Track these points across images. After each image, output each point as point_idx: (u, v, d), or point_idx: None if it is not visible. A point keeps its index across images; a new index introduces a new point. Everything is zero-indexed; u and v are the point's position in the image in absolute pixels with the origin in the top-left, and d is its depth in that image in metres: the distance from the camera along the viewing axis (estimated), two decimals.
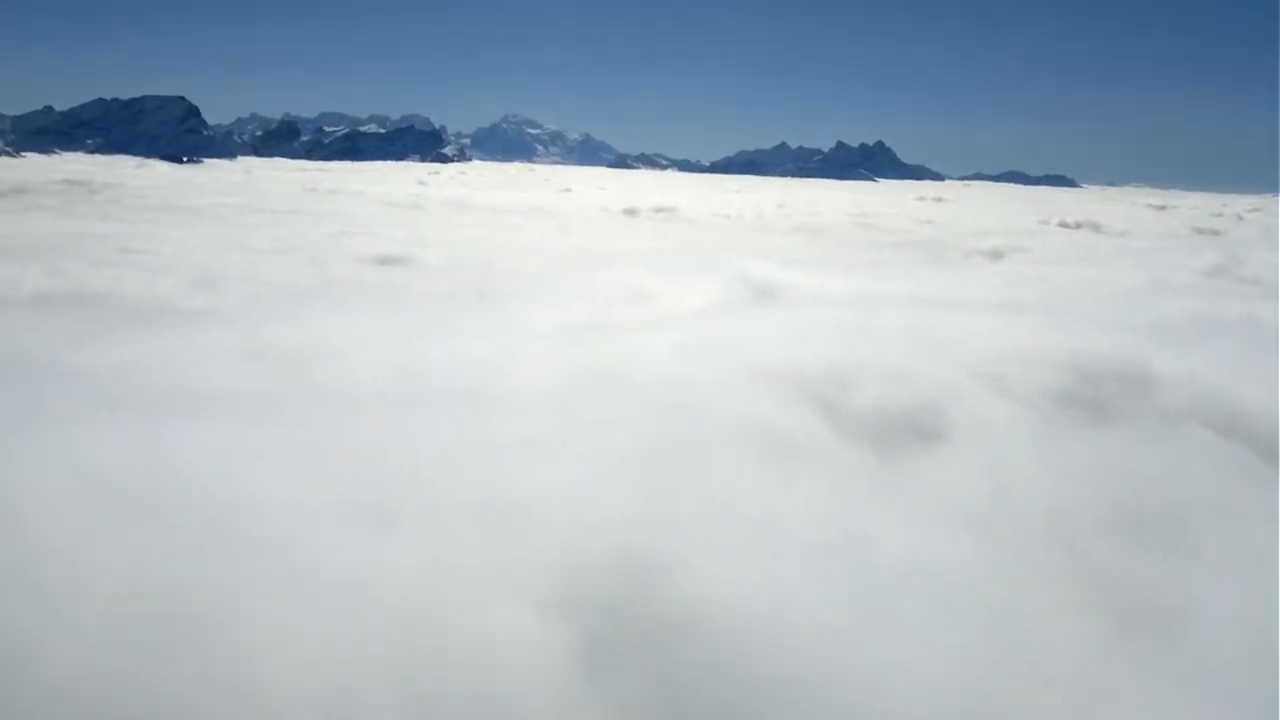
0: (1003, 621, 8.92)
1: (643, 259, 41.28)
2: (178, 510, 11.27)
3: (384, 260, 38.79)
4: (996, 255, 52.82)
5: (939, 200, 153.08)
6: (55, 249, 36.13)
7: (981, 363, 17.23)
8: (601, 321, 22.89)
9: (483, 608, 9.24)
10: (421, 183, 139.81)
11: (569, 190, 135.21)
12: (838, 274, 34.57)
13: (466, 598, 9.40)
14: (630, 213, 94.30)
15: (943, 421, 15.37)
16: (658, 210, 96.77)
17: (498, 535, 10.47)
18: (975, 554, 10.48)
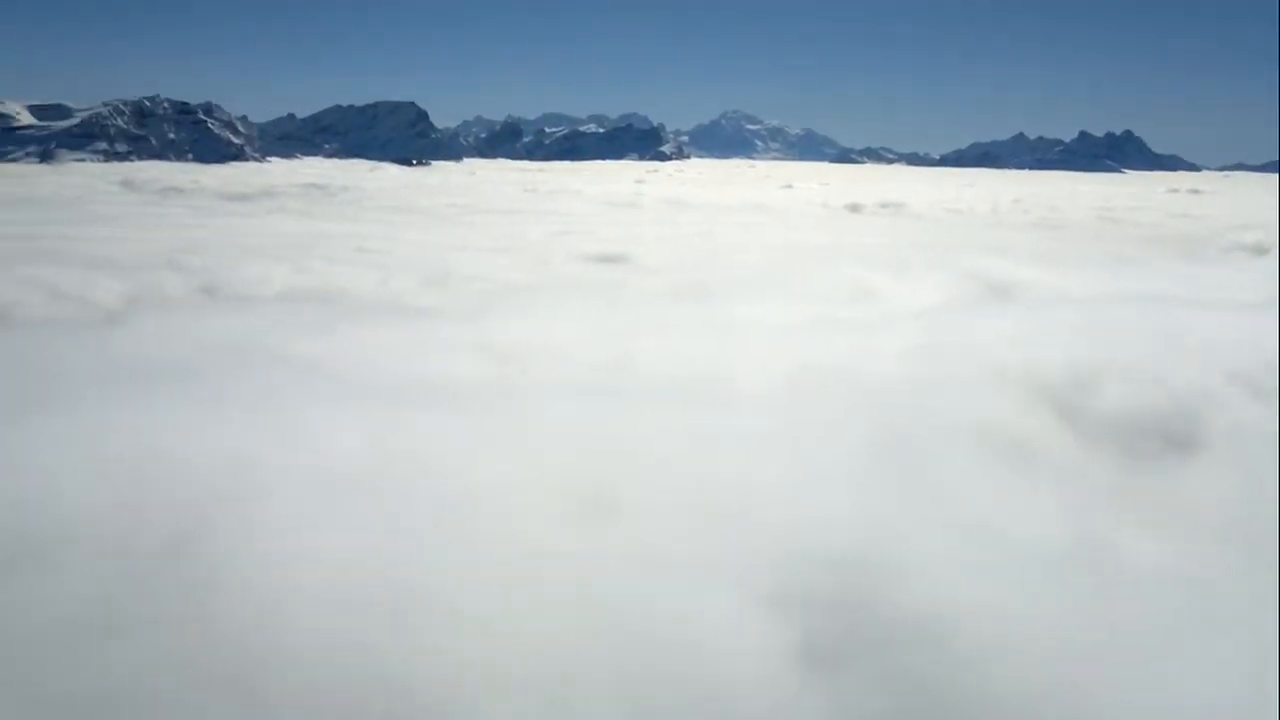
0: (1267, 641, 8.34)
1: (867, 256, 40.69)
2: (406, 494, 12.00)
3: (604, 258, 39.73)
4: (1260, 250, 49.02)
5: (1194, 192, 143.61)
6: (299, 248, 38.92)
7: (1242, 366, 16.09)
8: (825, 319, 22.73)
9: (700, 600, 9.38)
10: (639, 181, 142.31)
11: (789, 187, 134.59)
12: (1080, 271, 33.03)
13: (684, 589, 9.57)
14: (854, 208, 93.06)
15: (1197, 428, 14.46)
16: (883, 206, 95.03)
17: (716, 529, 10.61)
18: (1233, 568, 9.86)
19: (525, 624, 9.08)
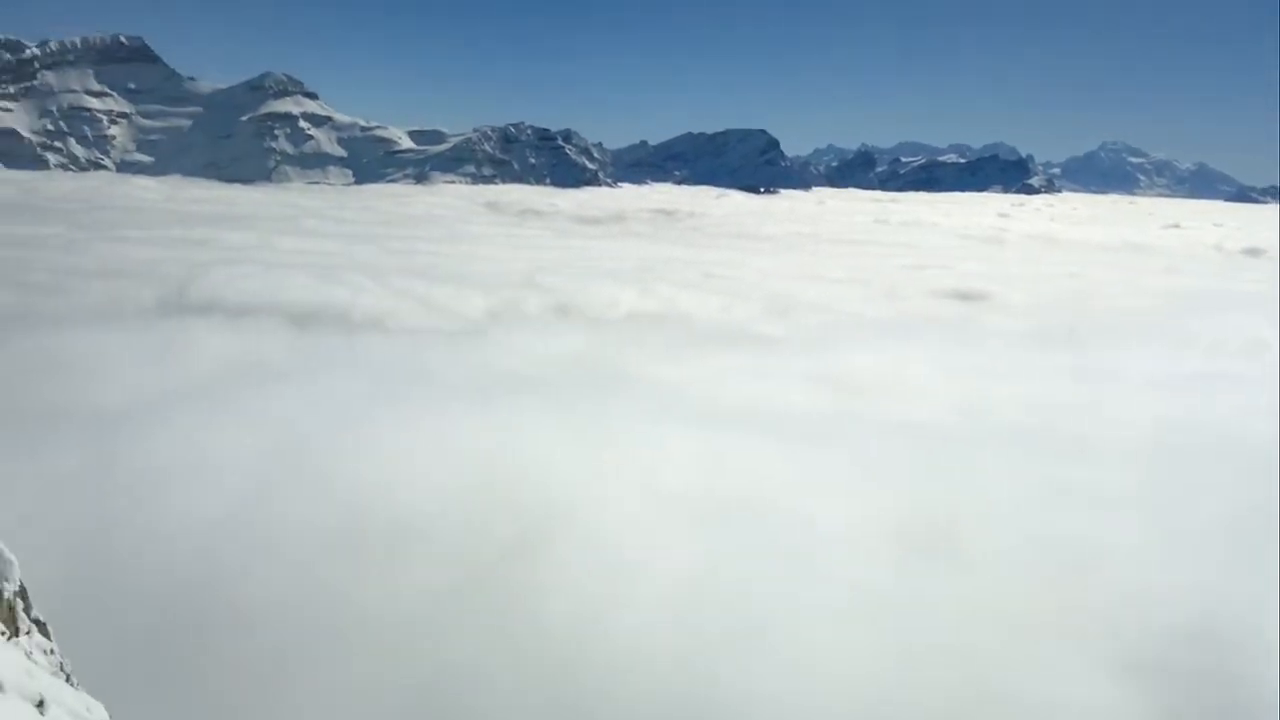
0: None
1: (1266, 306, 37.62)
2: (740, 520, 12.58)
3: (961, 295, 39.05)
4: None
5: None
6: (646, 272, 41.00)
7: None
8: (1207, 373, 21.46)
9: (1042, 657, 9.31)
10: (1003, 215, 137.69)
11: (1176, 226, 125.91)
12: None
13: (1025, 646, 9.52)
14: (1253, 253, 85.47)
15: None
16: None
17: (1063, 585, 10.44)
18: None
19: (845, 658, 9.36)
